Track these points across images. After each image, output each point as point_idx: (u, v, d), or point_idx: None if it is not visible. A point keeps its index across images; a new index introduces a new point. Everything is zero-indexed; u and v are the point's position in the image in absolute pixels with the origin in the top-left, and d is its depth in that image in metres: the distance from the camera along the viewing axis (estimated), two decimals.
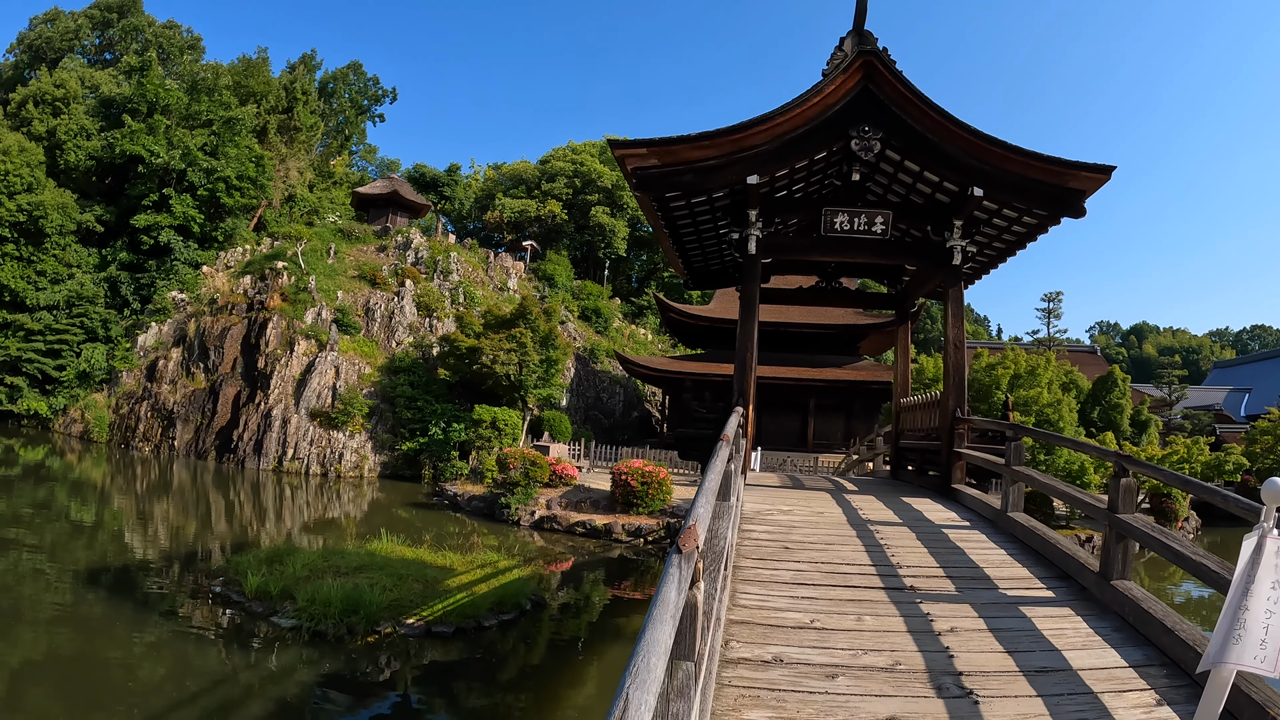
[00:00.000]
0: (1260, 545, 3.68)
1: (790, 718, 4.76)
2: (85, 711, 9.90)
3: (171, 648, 12.77)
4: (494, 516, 26.51)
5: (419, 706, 11.20)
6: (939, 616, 6.57)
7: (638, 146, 11.50)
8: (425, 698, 11.52)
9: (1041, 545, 8.50)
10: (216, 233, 47.46)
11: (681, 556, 3.15)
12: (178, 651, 12.59)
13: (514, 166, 71.78)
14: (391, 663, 12.48)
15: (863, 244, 13.66)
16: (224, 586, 15.87)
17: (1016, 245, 13.96)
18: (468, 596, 15.87)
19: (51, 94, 51.41)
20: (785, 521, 9.80)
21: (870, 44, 11.67)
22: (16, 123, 51.00)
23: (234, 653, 12.68)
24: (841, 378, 39.12)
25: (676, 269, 17.96)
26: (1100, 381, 37.10)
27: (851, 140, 11.91)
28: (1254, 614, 3.69)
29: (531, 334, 34.66)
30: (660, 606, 2.62)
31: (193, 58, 62.26)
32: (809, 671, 5.43)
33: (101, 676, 11.07)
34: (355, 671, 11.94)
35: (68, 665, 11.61)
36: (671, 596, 2.72)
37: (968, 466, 12.84)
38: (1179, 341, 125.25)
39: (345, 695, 11.11)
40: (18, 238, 44.19)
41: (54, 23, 61.83)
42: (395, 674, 12.14)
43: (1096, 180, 11.50)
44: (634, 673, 2.01)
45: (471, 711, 11.12)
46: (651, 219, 13.61)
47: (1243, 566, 3.69)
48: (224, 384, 38.63)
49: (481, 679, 12.22)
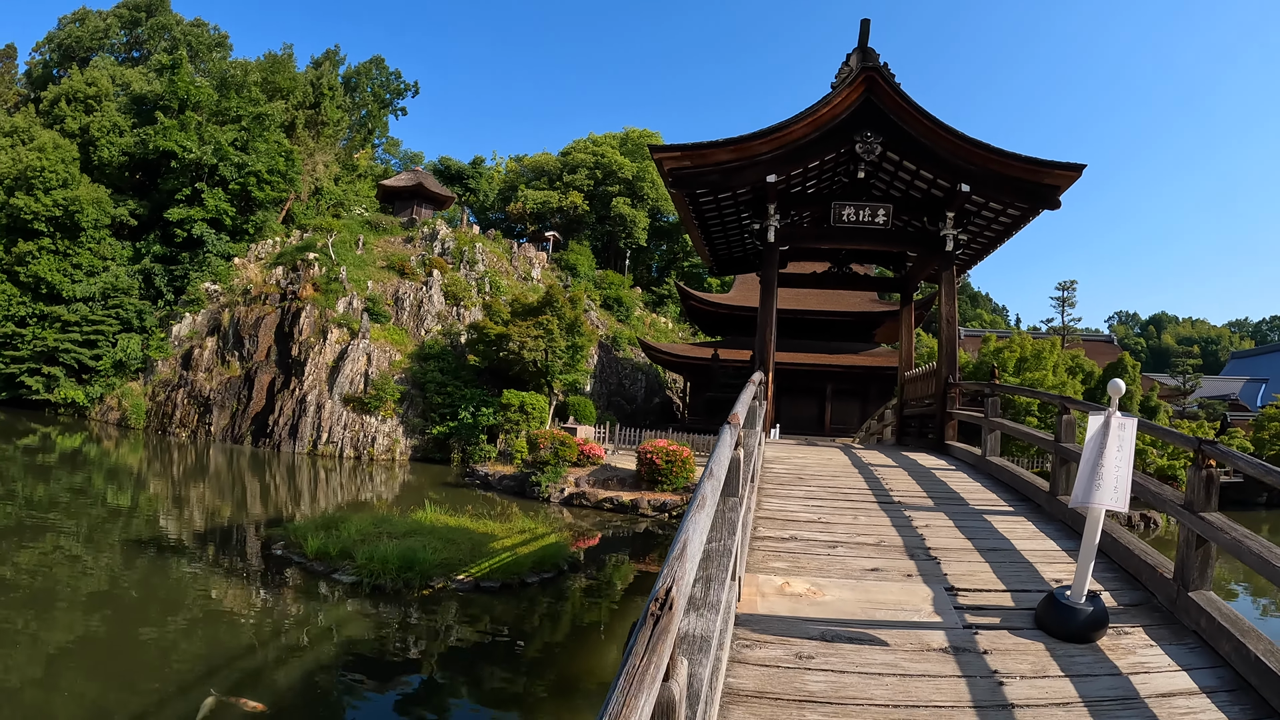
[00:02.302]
0: (1106, 422, 5.84)
1: (802, 566, 6.95)
2: (202, 647, 11.76)
3: (246, 601, 14.75)
4: (525, 494, 28.40)
5: (475, 645, 13.03)
6: (918, 518, 8.74)
7: (673, 150, 13.80)
8: (480, 638, 13.35)
9: (1011, 479, 10.64)
10: (247, 225, 49.91)
11: (729, 426, 5.31)
12: (254, 604, 14.60)
13: (536, 158, 73.98)
14: (447, 612, 14.33)
15: (867, 233, 15.96)
16: (284, 549, 17.90)
17: (1005, 234, 16.11)
18: (511, 556, 17.81)
19: (83, 92, 53.78)
20: (800, 463, 12.00)
21: (872, 60, 13.87)
22: (49, 120, 53.40)
23: (303, 604, 14.55)
24: (858, 363, 40.83)
25: (703, 256, 20.24)
26: (1110, 368, 38.76)
27: (856, 144, 14.16)
28: (1107, 469, 5.86)
29: (558, 321, 36.70)
30: (720, 450, 4.72)
31: (220, 55, 64.72)
32: (815, 543, 7.61)
33: (194, 627, 12.95)
34: (415, 619, 13.82)
35: (163, 612, 13.61)
36: (725, 449, 4.82)
37: (962, 428, 15.00)
38: (1198, 332, 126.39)
39: (411, 637, 13.03)
40: (53, 232, 46.65)
41: (83, 22, 64.19)
42: (451, 621, 13.97)
43: (1068, 177, 13.65)
44: (697, 502, 3.53)
45: (521, 649, 12.89)
46: (683, 212, 15.88)
47: (1093, 436, 5.87)
48: (259, 371, 40.93)
49: (526, 624, 14.17)
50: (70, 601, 13.87)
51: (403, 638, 12.93)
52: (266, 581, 16.09)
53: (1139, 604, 6.56)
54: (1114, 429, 5.90)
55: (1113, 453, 5.87)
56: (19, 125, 52.37)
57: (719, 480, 4.30)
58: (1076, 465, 9.15)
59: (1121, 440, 5.88)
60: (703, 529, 3.33)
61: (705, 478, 3.94)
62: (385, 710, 10.27)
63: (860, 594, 6.42)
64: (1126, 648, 5.68)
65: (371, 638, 12.85)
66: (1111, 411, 5.98)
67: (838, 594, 6.37)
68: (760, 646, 5.34)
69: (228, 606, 14.28)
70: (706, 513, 3.54)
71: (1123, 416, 5.98)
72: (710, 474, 4.02)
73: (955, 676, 5.10)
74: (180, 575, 16.14)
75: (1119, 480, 5.88)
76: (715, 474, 4.13)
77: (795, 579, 6.61)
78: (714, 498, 4.00)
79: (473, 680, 11.43)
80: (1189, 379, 51.27)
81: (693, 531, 3.07)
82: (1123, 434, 5.89)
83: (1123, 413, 6.00)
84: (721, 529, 4.90)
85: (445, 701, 10.79)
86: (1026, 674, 5.19)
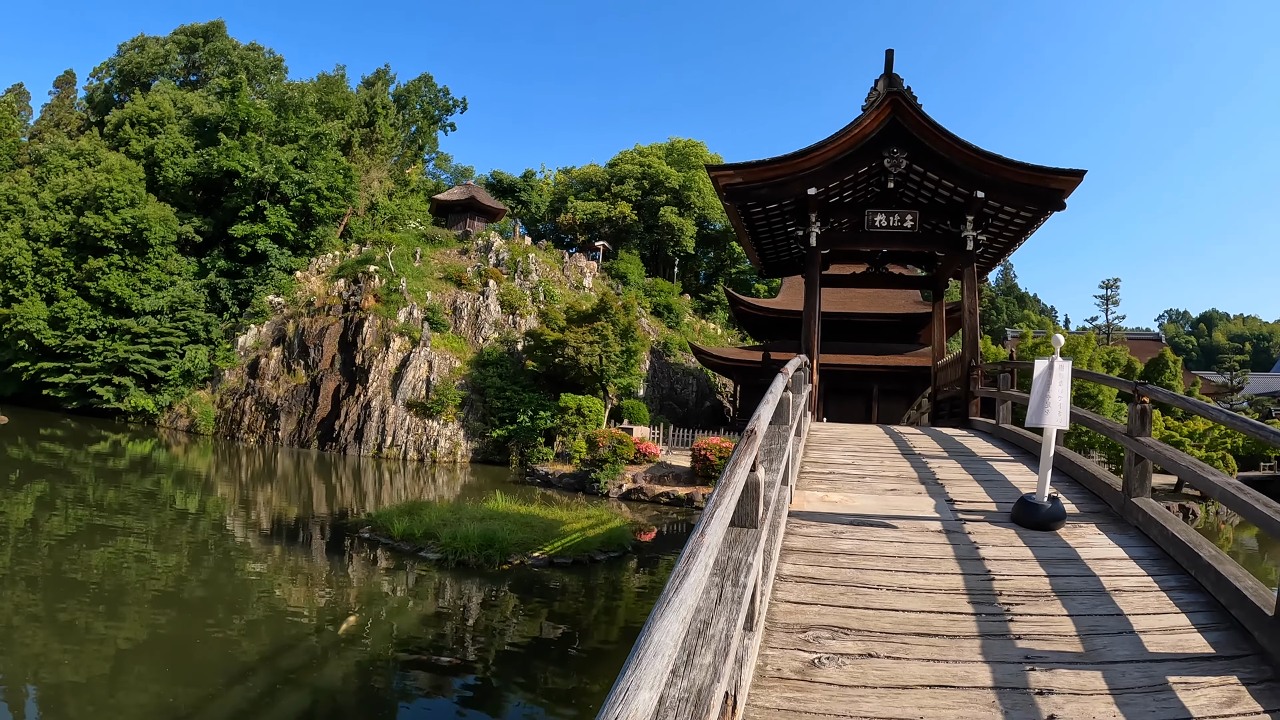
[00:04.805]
0: (1050, 365, 8.33)
1: (837, 487, 9.50)
2: (313, 610, 14.53)
3: (348, 575, 17.45)
4: (584, 490, 30.95)
5: (553, 610, 15.33)
6: (932, 463, 11.25)
7: (727, 169, 16.60)
8: (556, 601, 15.80)
9: (1018, 440, 13.06)
10: (308, 240, 53.40)
11: (780, 375, 7.83)
12: (355, 577, 17.28)
13: (583, 170, 77.66)
14: (525, 584, 16.73)
15: (898, 236, 18.63)
16: (372, 533, 20.58)
17: (1022, 234, 18.55)
18: (580, 537, 20.21)
19: (147, 115, 57.92)
20: (840, 433, 14.59)
21: (897, 85, 16.49)
22: (114, 143, 57.50)
23: (398, 577, 17.10)
24: (902, 364, 42.56)
25: (753, 260, 22.93)
26: (1152, 364, 40.45)
27: (885, 159, 16.78)
28: (1053, 398, 8.35)
29: (612, 326, 39.43)
30: (774, 387, 7.24)
31: (277, 77, 68.86)
32: (849, 476, 10.18)
33: (309, 596, 15.77)
34: (499, 589, 16.30)
35: (274, 585, 16.49)
36: (777, 388, 7.33)
37: (984, 405, 17.42)
38: (1249, 329, 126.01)
39: (498, 599, 15.69)
40: (123, 249, 50.05)
41: (143, 49, 68.64)
42: (530, 590, 16.34)
43: (1071, 182, 16.11)
44: (764, 400, 6.24)
45: (591, 609, 15.40)
46: (735, 222, 18.62)
47: (1040, 375, 8.37)
48: (324, 379, 44.14)
49: (596, 590, 16.67)
50: (179, 591, 16.64)
51: (494, 599, 15.60)
52: (361, 560, 18.65)
53: (1097, 510, 8.97)
54: (1056, 370, 8.37)
55: (1056, 387, 8.35)
56: (85, 148, 56.21)
57: (773, 405, 6.80)
58: None
59: (1062, 378, 8.38)
60: (767, 416, 5.83)
61: (763, 402, 6.42)
62: (491, 639, 12.88)
63: (880, 502, 8.95)
64: (1079, 534, 8.10)
65: (464, 600, 15.53)
66: (1055, 357, 8.44)
67: (863, 501, 8.90)
68: (807, 526, 7.89)
69: (333, 580, 16.84)
70: (770, 406, 6.08)
71: (1061, 360, 8.42)
72: (766, 400, 6.51)
73: (944, 544, 7.59)
74: (287, 556, 18.77)
75: (1061, 407, 8.37)
76: (770, 400, 6.64)
77: (832, 494, 9.17)
78: (772, 405, 6.53)
79: (552, 629, 13.95)
80: (1236, 375, 52.54)
81: (763, 410, 5.61)
82: (1062, 373, 8.37)
83: (1061, 358, 8.44)
84: (777, 439, 7.40)
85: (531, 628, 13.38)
86: (997, 544, 7.65)
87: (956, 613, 6.00)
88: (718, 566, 4.19)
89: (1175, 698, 4.86)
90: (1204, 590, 6.54)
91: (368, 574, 17.44)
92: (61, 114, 72.87)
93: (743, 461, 4.50)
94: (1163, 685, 5.00)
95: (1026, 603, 6.22)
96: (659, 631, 2.29)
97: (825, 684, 4.86)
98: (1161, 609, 6.25)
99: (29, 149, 64.32)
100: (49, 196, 51.59)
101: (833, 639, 5.47)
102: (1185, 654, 5.47)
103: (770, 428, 7.58)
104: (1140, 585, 6.73)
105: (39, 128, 71.48)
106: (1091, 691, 4.87)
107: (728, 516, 4.01)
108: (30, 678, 10.38)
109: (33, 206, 51.74)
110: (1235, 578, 6.21)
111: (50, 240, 50.05)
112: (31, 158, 62.08)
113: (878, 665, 5.14)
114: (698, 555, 3.02)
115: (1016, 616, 5.95)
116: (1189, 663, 5.36)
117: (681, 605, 2.56)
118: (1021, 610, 6.07)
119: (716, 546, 3.40)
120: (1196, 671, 5.22)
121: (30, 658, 10.95)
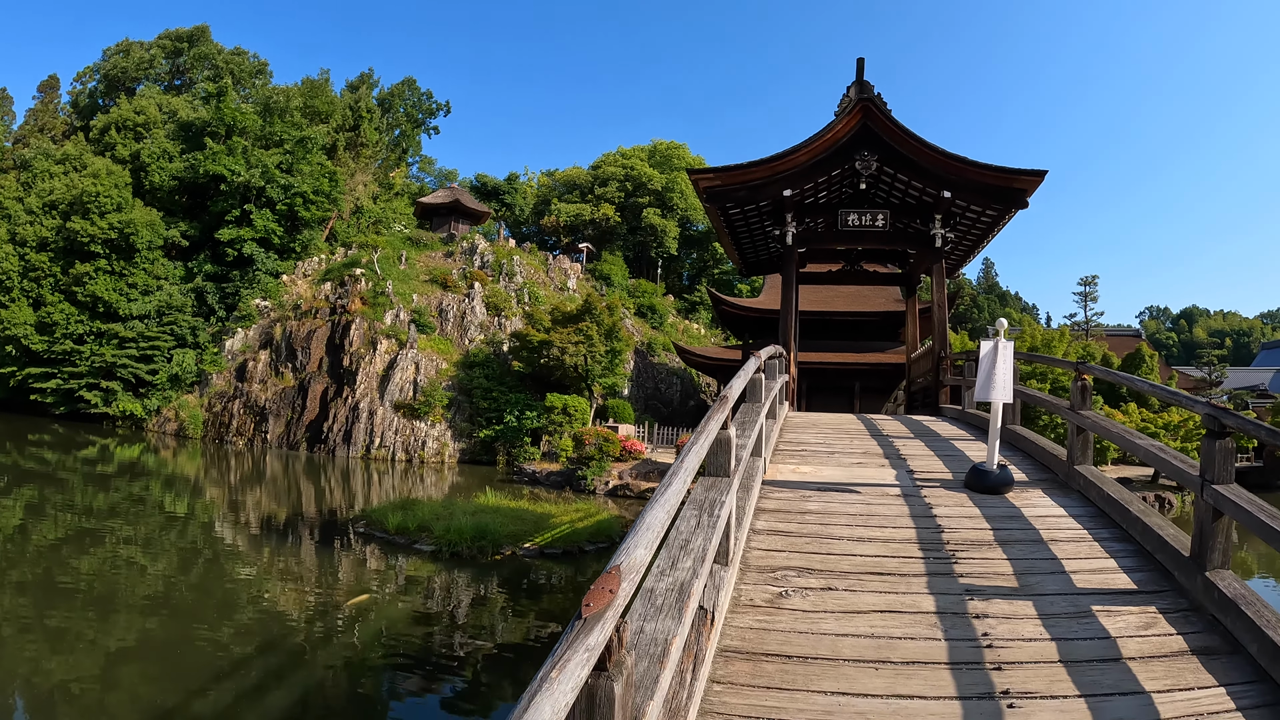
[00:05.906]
0: (995, 346, 9.26)
1: (808, 461, 10.41)
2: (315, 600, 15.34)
3: (345, 566, 18.34)
4: (571, 487, 31.70)
5: (544, 594, 16.49)
6: (898, 442, 12.19)
7: (707, 172, 17.58)
8: (550, 588, 16.84)
9: (980, 422, 13.98)
10: (294, 244, 53.84)
11: (754, 357, 8.72)
12: (352, 568, 18.18)
13: (567, 173, 78.40)
14: (517, 573, 17.70)
15: (870, 235, 19.67)
16: (367, 527, 21.42)
17: (989, 232, 19.57)
18: (569, 529, 21.11)
19: (132, 120, 58.25)
20: (814, 418, 15.58)
21: (868, 92, 17.48)
22: (100, 148, 57.80)
23: (394, 567, 18.02)
24: (884, 361, 42.98)
25: (734, 259, 23.89)
26: (1129, 359, 41.48)
27: (856, 162, 17.79)
28: (998, 375, 9.30)
29: (597, 327, 40.16)
30: (746, 368, 8.14)
31: (261, 82, 69.28)
32: (819, 451, 11.11)
33: (306, 589, 16.66)
34: (491, 578, 17.22)
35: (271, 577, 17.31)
36: (749, 368, 8.22)
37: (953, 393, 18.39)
38: (1229, 324, 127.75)
39: (496, 589, 16.60)
40: (109, 254, 50.41)
41: (127, 53, 68.93)
42: (522, 578, 17.36)
43: (1033, 182, 17.13)
44: (738, 373, 7.20)
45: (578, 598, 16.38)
46: (716, 223, 19.58)
47: (986, 354, 9.31)
48: (312, 381, 44.61)
49: (583, 579, 17.47)
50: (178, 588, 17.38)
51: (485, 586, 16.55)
52: (358, 552, 19.52)
53: (1044, 479, 9.91)
54: (1000, 349, 9.31)
55: (1000, 365, 9.30)
56: (70, 153, 56.62)
57: (744, 379, 7.71)
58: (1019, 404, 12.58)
59: (1005, 357, 9.35)
60: (739, 387, 6.75)
61: (736, 377, 7.33)
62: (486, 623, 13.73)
63: (846, 472, 9.88)
64: (1025, 497, 9.03)
65: (459, 585, 16.53)
66: (999, 339, 9.37)
67: (831, 472, 9.83)
68: (779, 492, 8.81)
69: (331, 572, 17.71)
70: (741, 380, 7.00)
71: (1005, 342, 9.36)
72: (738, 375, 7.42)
73: (902, 505, 8.51)
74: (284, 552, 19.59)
75: (1005, 383, 9.33)
76: (742, 375, 7.57)
77: (803, 466, 10.09)
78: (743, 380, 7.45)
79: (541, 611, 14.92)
80: (1214, 370, 53.62)
81: (735, 383, 6.51)
82: (1005, 353, 9.33)
83: (1004, 340, 9.37)
84: (750, 413, 8.30)
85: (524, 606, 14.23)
86: (949, 505, 8.58)
87: (908, 557, 6.95)
88: (695, 503, 5.14)
89: (1097, 621, 5.81)
90: (1133, 540, 7.50)
91: (363, 566, 18.32)
92: (45, 119, 73.04)
93: (715, 417, 5.41)
94: (1086, 612, 5.96)
95: (971, 550, 7.16)
96: (649, 516, 3.28)
97: (791, 610, 5.81)
98: (1093, 555, 7.22)
99: (13, 154, 64.60)
100: (35, 201, 52.00)
101: (799, 577, 6.41)
102: (1110, 589, 6.44)
103: (745, 405, 8.52)
104: (1076, 536, 7.69)
105: (23, 132, 71.68)
106: (1022, 616, 5.83)
107: (703, 452, 4.95)
108: (20, 683, 10.51)
109: (19, 211, 52.09)
110: (1159, 527, 7.18)
111: (37, 245, 50.47)
112: (16, 163, 62.32)
113: (837, 596, 6.08)
114: (678, 474, 3.98)
115: (961, 560, 6.90)
116: (1113, 595, 6.33)
117: (666, 502, 3.52)
118: (966, 555, 7.02)
119: (693, 470, 4.34)
120: (1119, 603, 6.19)
121: (21, 663, 11.10)
